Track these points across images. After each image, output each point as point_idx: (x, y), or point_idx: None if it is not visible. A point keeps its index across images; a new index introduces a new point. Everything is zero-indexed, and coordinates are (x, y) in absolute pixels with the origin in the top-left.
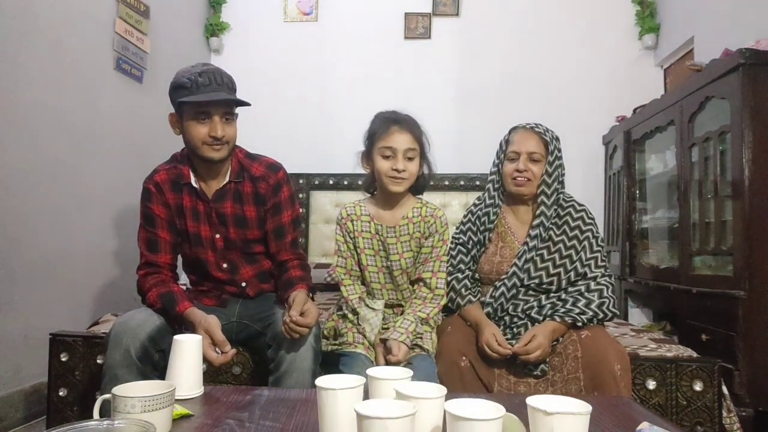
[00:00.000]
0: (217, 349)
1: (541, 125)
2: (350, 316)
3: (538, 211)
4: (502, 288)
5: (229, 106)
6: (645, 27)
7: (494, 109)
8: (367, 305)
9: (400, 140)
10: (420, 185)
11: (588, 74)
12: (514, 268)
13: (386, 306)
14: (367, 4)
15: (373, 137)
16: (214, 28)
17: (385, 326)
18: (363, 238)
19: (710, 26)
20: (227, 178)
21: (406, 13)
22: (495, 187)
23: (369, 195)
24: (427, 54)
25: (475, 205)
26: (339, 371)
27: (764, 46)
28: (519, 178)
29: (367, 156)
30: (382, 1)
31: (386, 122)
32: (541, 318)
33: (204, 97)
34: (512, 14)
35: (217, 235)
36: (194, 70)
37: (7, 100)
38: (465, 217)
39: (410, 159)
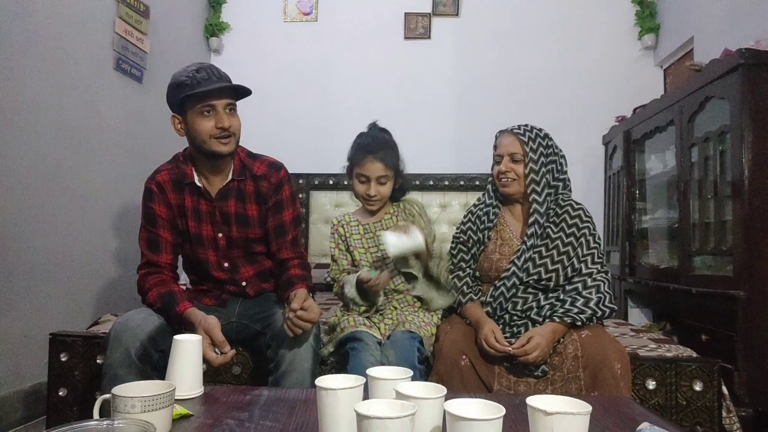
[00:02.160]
0: (216, 349)
1: (523, 126)
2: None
3: (531, 209)
4: (502, 288)
5: (232, 96)
6: (645, 27)
7: (494, 109)
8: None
9: (373, 169)
10: (397, 195)
11: (588, 74)
12: (513, 267)
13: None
14: (367, 4)
15: (351, 161)
16: (214, 28)
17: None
18: (354, 238)
19: (710, 26)
20: (230, 177)
21: (406, 13)
22: (494, 187)
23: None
24: (427, 54)
25: (475, 205)
26: (347, 353)
27: (764, 46)
28: (503, 179)
29: (349, 175)
30: (382, 1)
31: (362, 151)
32: (540, 319)
33: (209, 87)
34: (512, 14)
35: (220, 234)
36: (190, 68)
37: (7, 101)
38: (465, 216)
39: (382, 183)
